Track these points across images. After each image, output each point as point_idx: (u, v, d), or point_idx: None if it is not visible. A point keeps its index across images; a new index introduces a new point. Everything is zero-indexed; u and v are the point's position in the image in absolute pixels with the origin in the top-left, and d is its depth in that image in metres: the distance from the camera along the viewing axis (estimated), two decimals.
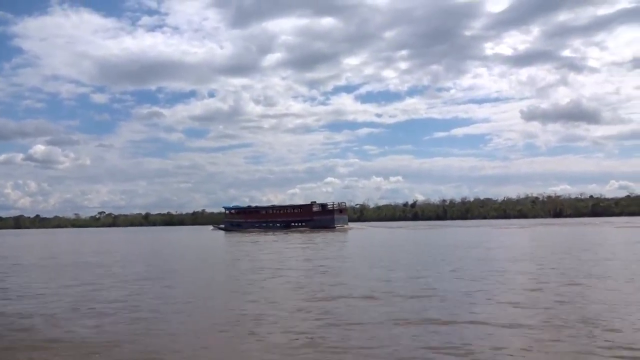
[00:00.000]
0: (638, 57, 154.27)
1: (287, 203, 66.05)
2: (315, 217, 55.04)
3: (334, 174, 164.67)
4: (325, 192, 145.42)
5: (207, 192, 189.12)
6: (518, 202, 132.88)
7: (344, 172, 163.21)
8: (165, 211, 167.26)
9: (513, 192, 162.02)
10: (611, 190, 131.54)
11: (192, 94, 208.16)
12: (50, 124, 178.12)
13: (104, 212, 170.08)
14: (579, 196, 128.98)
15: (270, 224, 58.11)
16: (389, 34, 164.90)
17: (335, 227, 52.67)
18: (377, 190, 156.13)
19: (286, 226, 56.24)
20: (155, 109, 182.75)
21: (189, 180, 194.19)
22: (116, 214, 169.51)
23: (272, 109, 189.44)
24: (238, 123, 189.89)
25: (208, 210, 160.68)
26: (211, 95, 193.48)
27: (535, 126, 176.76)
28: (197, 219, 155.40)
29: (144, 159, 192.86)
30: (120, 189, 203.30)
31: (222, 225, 65.43)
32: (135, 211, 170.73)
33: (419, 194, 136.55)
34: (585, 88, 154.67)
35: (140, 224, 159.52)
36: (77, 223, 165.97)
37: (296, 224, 55.96)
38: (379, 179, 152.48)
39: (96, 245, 34.91)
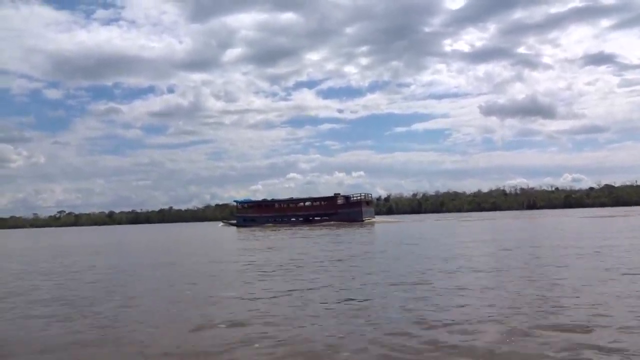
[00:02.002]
0: (589, 54, 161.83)
1: (306, 196, 60.82)
2: (340, 210, 50.69)
3: (296, 169, 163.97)
4: (287, 188, 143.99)
5: (167, 190, 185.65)
6: (490, 194, 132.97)
7: (306, 168, 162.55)
8: (124, 209, 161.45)
9: (472, 186, 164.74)
10: (565, 182, 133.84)
11: (151, 90, 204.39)
12: (1, 120, 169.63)
13: (64, 211, 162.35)
14: (550, 188, 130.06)
15: (289, 219, 53.42)
16: (349, 30, 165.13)
17: (363, 221, 48.65)
18: (340, 186, 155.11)
19: (306, 221, 51.65)
20: (112, 104, 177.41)
21: (147, 177, 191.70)
22: (76, 212, 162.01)
23: (233, 105, 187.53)
24: (198, 119, 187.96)
25: (175, 207, 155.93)
26: (170, 90, 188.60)
27: (493, 121, 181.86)
28: (165, 216, 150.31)
29: (100, 156, 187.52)
30: (76, 188, 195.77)
31: (234, 221, 60.45)
32: (92, 210, 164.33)
33: (380, 189, 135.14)
34: (539, 84, 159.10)
35: (104, 223, 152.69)
36: (36, 223, 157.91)
37: (318, 218, 51.48)
38: (341, 174, 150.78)
39: (121, 245, 28.96)
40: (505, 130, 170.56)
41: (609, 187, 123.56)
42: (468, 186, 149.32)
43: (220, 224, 66.61)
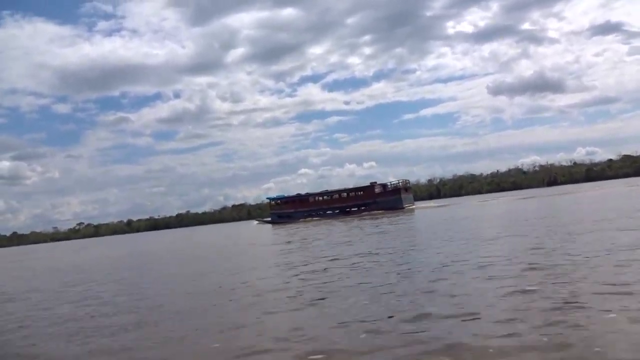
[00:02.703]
0: (595, 25, 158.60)
1: (336, 188, 58.66)
2: (378, 199, 49.55)
3: (307, 164, 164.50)
4: (300, 184, 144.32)
5: (180, 194, 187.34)
6: (509, 173, 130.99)
7: (316, 162, 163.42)
8: (140, 217, 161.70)
9: (485, 167, 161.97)
10: (579, 156, 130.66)
11: (157, 97, 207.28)
12: (14, 139, 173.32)
13: (83, 223, 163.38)
14: (568, 163, 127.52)
15: (325, 212, 52.40)
16: (351, 21, 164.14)
17: (404, 208, 47.78)
18: (351, 177, 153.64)
19: (343, 212, 50.67)
20: (121, 114, 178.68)
21: (161, 184, 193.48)
22: (95, 223, 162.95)
23: (240, 105, 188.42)
24: (206, 122, 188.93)
25: (191, 211, 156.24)
26: (177, 96, 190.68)
27: (502, 100, 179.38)
28: (183, 220, 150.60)
29: (113, 166, 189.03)
30: (92, 199, 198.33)
31: (268, 219, 59.60)
32: (109, 220, 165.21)
33: (392, 178, 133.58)
34: (546, 59, 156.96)
35: (124, 232, 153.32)
36: (57, 236, 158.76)
37: (356, 209, 50.47)
38: (352, 165, 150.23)
39: (180, 251, 27.11)
40: (515, 109, 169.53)
41: (629, 157, 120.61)
42: (481, 168, 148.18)
43: (255, 222, 65.59)
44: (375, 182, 51.94)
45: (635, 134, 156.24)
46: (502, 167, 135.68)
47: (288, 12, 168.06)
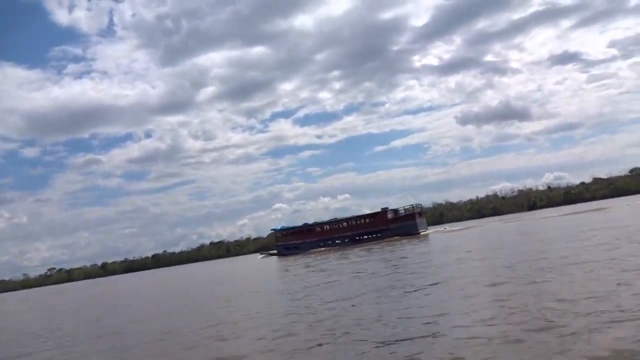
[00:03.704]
0: (554, 55, 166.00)
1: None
2: (392, 225, 47.22)
3: (281, 199, 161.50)
4: (274, 219, 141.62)
5: (153, 235, 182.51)
6: (488, 199, 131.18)
7: (290, 197, 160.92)
8: (113, 259, 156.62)
9: (456, 196, 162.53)
10: (547, 182, 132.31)
11: (128, 137, 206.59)
12: None
13: (54, 268, 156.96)
14: (543, 187, 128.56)
15: (334, 241, 50.12)
16: (319, 57, 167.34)
17: (419, 233, 45.80)
18: (326, 210, 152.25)
19: (353, 241, 48.47)
20: (91, 156, 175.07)
21: (133, 224, 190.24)
22: (66, 268, 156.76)
23: (212, 143, 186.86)
24: (178, 160, 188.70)
25: (166, 250, 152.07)
26: (148, 135, 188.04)
27: (470, 130, 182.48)
28: (160, 261, 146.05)
29: (83, 209, 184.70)
30: (62, 244, 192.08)
31: (274, 251, 57.27)
32: (80, 263, 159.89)
33: (367, 209, 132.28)
34: (510, 88, 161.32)
35: (98, 275, 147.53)
36: (28, 283, 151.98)
37: (368, 237, 48.13)
38: (326, 199, 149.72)
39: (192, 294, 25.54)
40: (483, 137, 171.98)
41: (600, 180, 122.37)
42: (453, 197, 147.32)
43: (260, 255, 62.77)
44: (387, 208, 49.62)
45: (599, 157, 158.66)
46: (474, 195, 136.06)
47: (257, 50, 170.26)
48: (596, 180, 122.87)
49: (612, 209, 42.58)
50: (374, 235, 47.68)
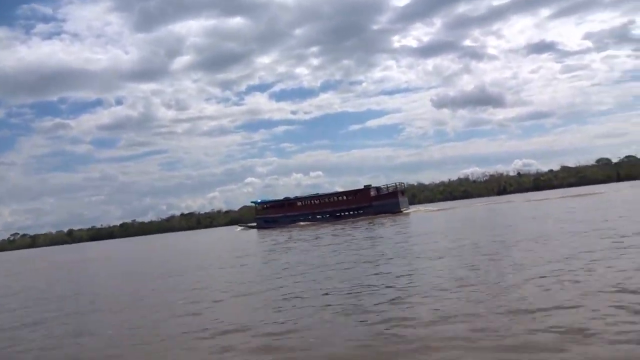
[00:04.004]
0: (531, 43, 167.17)
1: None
2: (374, 203, 47.07)
3: (253, 174, 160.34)
4: (246, 193, 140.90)
5: (121, 203, 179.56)
6: (459, 182, 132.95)
7: (263, 172, 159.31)
8: (78, 226, 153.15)
9: (427, 178, 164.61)
10: (516, 168, 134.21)
11: (99, 103, 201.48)
12: None
13: (18, 234, 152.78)
14: (512, 173, 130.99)
15: (315, 216, 49.75)
16: (299, 32, 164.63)
17: (401, 212, 45.75)
18: (298, 187, 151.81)
19: (334, 217, 48.12)
20: (59, 120, 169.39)
21: (100, 192, 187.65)
22: (31, 234, 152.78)
23: (185, 113, 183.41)
24: (150, 129, 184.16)
25: (134, 220, 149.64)
26: (119, 102, 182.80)
27: (445, 113, 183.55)
28: (128, 230, 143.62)
29: (49, 174, 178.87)
30: (26, 209, 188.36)
31: (253, 224, 56.42)
32: (44, 230, 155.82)
33: (339, 187, 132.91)
34: (487, 74, 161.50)
35: (64, 242, 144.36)
36: None
37: (350, 213, 47.84)
38: (299, 175, 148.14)
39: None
40: (457, 122, 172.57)
41: (567, 168, 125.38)
42: (424, 178, 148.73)
43: (238, 228, 61.66)
44: (370, 185, 49.68)
45: (567, 147, 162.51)
46: (446, 178, 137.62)
47: (236, 21, 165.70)
48: (564, 169, 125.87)
49: (598, 194, 43.30)
50: (356, 212, 47.58)
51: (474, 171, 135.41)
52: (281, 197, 56.52)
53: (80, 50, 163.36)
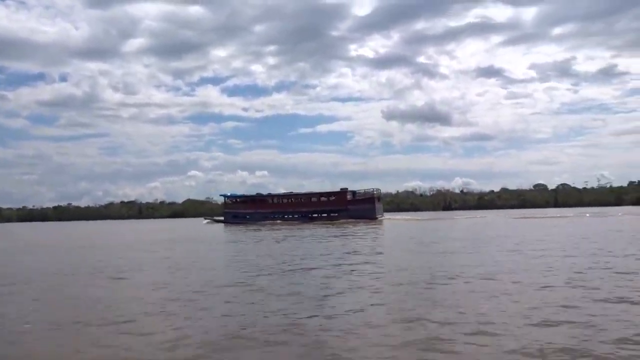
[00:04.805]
0: (481, 67, 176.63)
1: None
2: (350, 207, 45.72)
3: (197, 167, 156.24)
4: (187, 186, 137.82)
5: (54, 185, 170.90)
6: (406, 195, 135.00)
7: (207, 166, 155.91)
8: (6, 205, 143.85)
9: (371, 187, 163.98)
10: (456, 186, 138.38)
11: (41, 77, 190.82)
12: None
13: None
14: (453, 190, 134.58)
15: (287, 216, 47.77)
16: (259, 28, 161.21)
17: (377, 218, 44.63)
18: (242, 185, 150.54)
19: (308, 218, 46.27)
20: None
21: (33, 171, 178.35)
22: None
23: (133, 98, 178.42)
24: (93, 111, 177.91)
25: (65, 204, 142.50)
26: (63, 79, 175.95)
27: (393, 126, 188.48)
28: (62, 213, 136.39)
29: None
30: None
31: (220, 218, 53.97)
32: None
33: (283, 189, 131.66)
34: (436, 92, 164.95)
35: None
36: None
37: (324, 215, 46.23)
38: (244, 173, 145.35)
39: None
40: (405, 135, 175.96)
41: (507, 191, 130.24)
42: (368, 188, 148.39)
43: (204, 220, 58.95)
44: (347, 189, 48.46)
45: (506, 170, 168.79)
46: (389, 189, 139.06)
47: (195, 10, 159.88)
48: (504, 190, 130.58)
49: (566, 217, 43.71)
50: (331, 215, 46.28)
51: (418, 185, 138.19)
52: (257, 192, 55.34)
53: (27, 19, 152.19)
